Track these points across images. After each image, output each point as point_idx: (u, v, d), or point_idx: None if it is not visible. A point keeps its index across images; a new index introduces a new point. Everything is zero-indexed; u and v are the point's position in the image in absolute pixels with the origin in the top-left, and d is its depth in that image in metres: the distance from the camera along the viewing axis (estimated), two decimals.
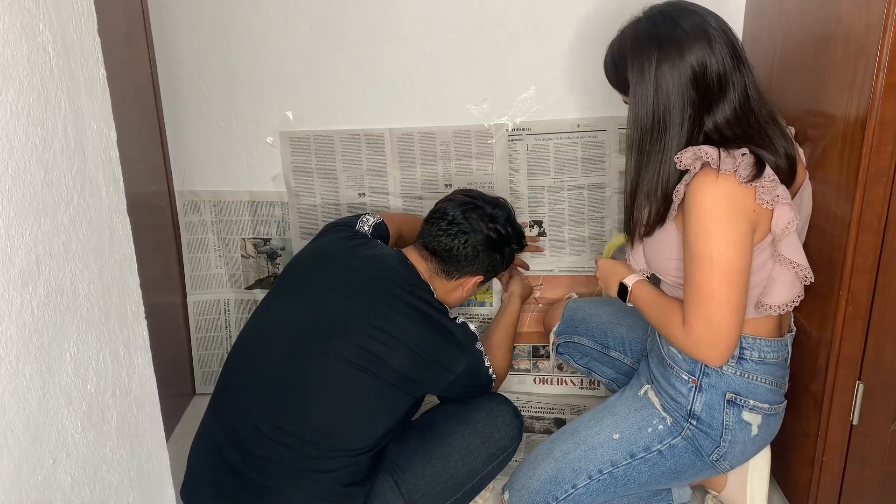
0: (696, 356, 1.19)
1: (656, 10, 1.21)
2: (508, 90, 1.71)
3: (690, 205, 1.13)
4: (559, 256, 1.83)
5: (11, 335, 0.63)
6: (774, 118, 1.19)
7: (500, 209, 1.47)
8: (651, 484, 1.33)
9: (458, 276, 1.44)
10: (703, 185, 1.11)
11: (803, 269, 1.18)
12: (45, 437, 0.69)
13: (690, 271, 1.14)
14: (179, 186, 1.85)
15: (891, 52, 1.05)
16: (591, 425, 1.34)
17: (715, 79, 1.14)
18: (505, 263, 1.51)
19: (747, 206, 1.11)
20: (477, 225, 1.42)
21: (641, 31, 1.19)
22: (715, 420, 1.25)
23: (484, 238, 1.43)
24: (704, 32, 1.15)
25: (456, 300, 1.49)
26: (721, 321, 1.13)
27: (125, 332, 0.82)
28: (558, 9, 1.65)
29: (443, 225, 1.42)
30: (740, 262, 1.12)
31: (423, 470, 1.34)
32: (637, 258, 1.31)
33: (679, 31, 1.15)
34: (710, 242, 1.11)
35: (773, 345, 1.24)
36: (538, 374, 1.94)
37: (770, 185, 1.10)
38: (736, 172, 1.10)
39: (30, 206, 0.65)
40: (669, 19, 1.17)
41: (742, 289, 1.13)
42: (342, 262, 1.38)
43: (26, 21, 0.65)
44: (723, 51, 1.14)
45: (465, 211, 1.43)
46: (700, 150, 1.12)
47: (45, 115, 0.68)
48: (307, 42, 1.71)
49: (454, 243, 1.41)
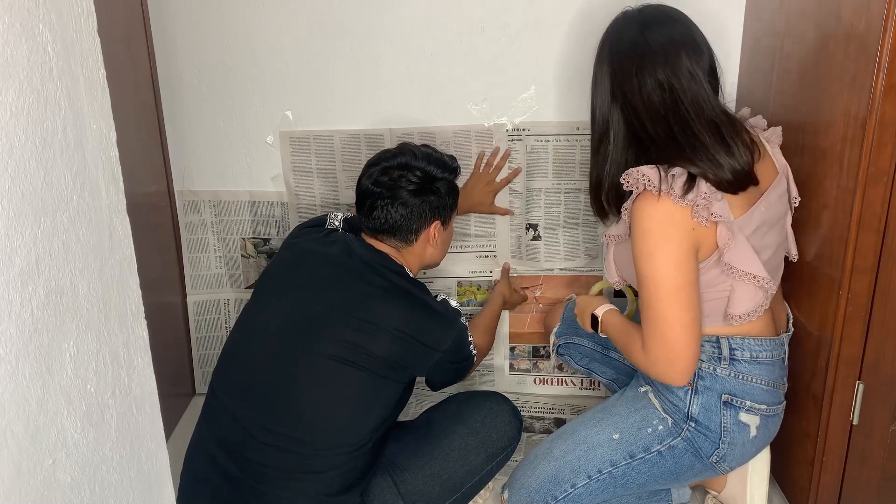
0: (657, 377, 1.22)
1: (630, 17, 1.25)
2: (508, 90, 1.71)
3: (633, 227, 1.17)
4: (554, 261, 1.82)
5: (11, 335, 0.63)
6: (720, 129, 1.17)
7: (403, 155, 1.40)
8: (650, 484, 1.33)
9: (414, 236, 1.41)
10: (642, 207, 1.15)
11: (759, 279, 1.18)
12: (45, 437, 0.69)
13: (640, 292, 1.18)
14: (179, 186, 1.85)
15: (891, 52, 1.05)
16: (591, 425, 1.35)
17: (647, 100, 1.18)
18: (448, 196, 1.44)
19: (685, 224, 1.13)
20: (394, 185, 1.38)
21: (606, 36, 1.27)
22: (713, 422, 1.25)
23: (407, 193, 1.37)
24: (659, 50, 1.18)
25: (433, 255, 1.46)
26: (675, 340, 1.15)
27: (125, 332, 0.82)
28: (558, 9, 1.65)
29: (367, 207, 1.39)
30: (684, 279, 1.14)
31: (422, 470, 1.34)
32: (610, 270, 1.35)
33: (633, 47, 1.20)
34: (652, 263, 1.14)
35: (765, 344, 1.24)
36: (538, 374, 1.94)
37: (704, 202, 1.12)
38: (671, 193, 1.12)
39: (29, 206, 0.65)
40: (638, 30, 1.21)
41: (691, 305, 1.15)
42: (316, 259, 1.38)
43: (26, 21, 0.65)
44: (667, 71, 1.17)
45: (376, 181, 1.39)
46: (640, 174, 1.15)
47: (44, 115, 0.68)
48: (307, 42, 1.71)
49: (387, 214, 1.37)
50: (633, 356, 1.25)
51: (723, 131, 1.18)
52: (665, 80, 1.17)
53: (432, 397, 1.86)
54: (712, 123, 1.18)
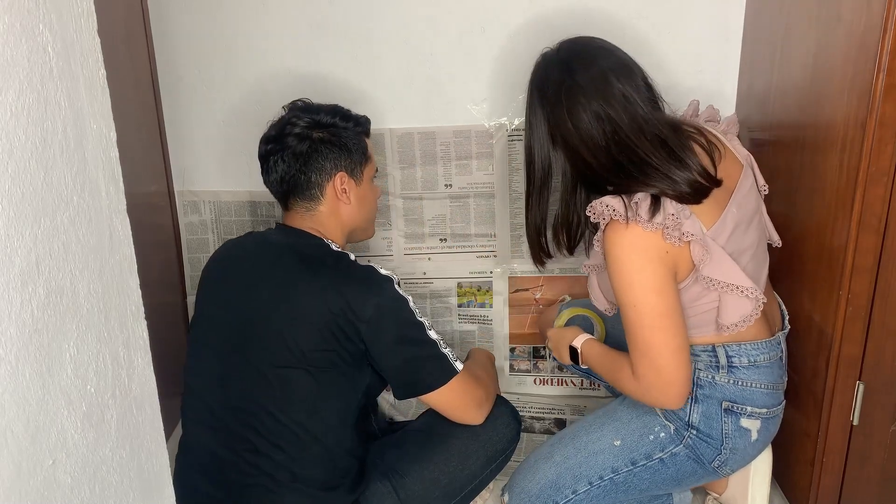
0: (652, 403, 1.22)
1: (550, 58, 1.25)
2: (508, 90, 1.71)
3: (607, 258, 1.17)
4: (555, 259, 1.82)
5: (11, 335, 0.63)
6: (667, 144, 1.16)
7: (287, 113, 1.38)
8: (652, 490, 1.33)
9: (318, 191, 1.33)
10: (612, 238, 1.15)
11: (744, 289, 1.17)
12: (45, 437, 0.69)
13: (624, 321, 1.18)
14: (179, 186, 1.85)
15: (891, 53, 1.05)
16: (593, 431, 1.34)
17: (587, 136, 1.17)
18: (348, 144, 1.35)
19: (659, 249, 1.13)
20: (280, 136, 1.34)
21: (531, 84, 1.27)
22: (714, 430, 1.24)
23: (293, 138, 1.33)
24: (586, 84, 1.17)
25: (351, 214, 1.37)
26: (665, 366, 1.15)
27: (125, 332, 0.82)
28: (558, 9, 1.64)
29: (264, 171, 1.36)
30: (666, 305, 1.14)
31: (421, 475, 1.33)
32: (598, 298, 1.35)
33: (560, 88, 1.19)
34: (631, 293, 1.14)
35: (761, 346, 1.24)
36: (538, 374, 1.94)
37: (673, 222, 1.11)
38: (638, 219, 1.11)
39: (29, 207, 0.65)
40: (561, 70, 1.21)
41: (676, 330, 1.14)
42: (231, 264, 1.36)
43: (26, 21, 0.65)
44: (599, 102, 1.16)
45: (266, 138, 1.37)
46: (604, 205, 1.15)
47: (45, 115, 0.68)
48: (307, 41, 1.71)
49: (279, 168, 1.33)
50: (622, 385, 1.23)
51: (670, 145, 1.16)
52: (600, 110, 1.16)
53: None
54: (657, 140, 1.16)
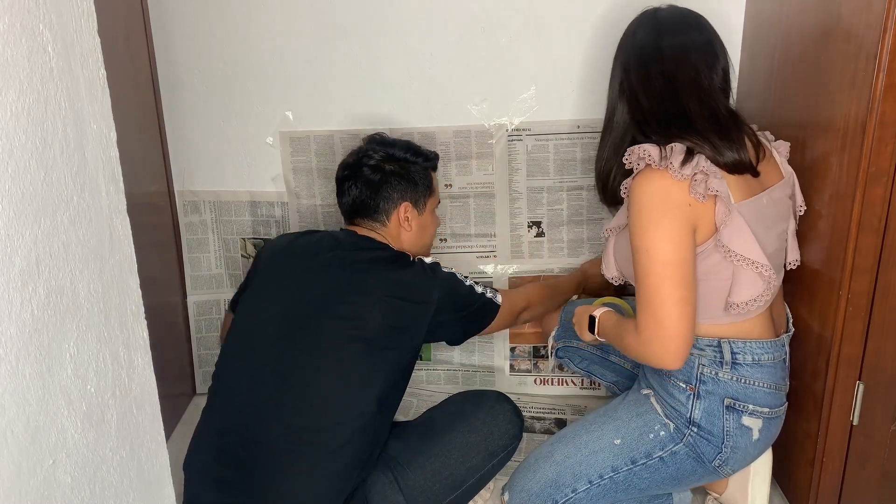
0: (650, 360, 1.19)
1: (648, 17, 1.28)
2: (508, 90, 1.71)
3: (631, 202, 1.18)
4: (558, 258, 1.83)
5: (11, 335, 0.63)
6: (719, 121, 1.19)
7: (369, 143, 1.51)
8: (652, 489, 1.32)
9: (384, 216, 1.47)
10: (641, 182, 1.16)
11: (759, 265, 1.17)
12: (45, 437, 0.69)
13: (635, 268, 1.18)
14: (179, 186, 1.85)
15: (891, 52, 1.05)
16: (593, 429, 1.34)
17: (650, 89, 1.21)
18: (416, 177, 1.49)
19: (682, 200, 1.14)
20: (356, 164, 1.48)
21: (624, 34, 1.30)
22: (715, 427, 1.24)
23: (368, 169, 1.46)
24: (668, 54, 1.22)
25: (411, 240, 1.50)
26: (666, 317, 1.13)
27: (125, 332, 0.82)
28: (558, 9, 1.65)
29: (339, 194, 1.50)
30: (678, 255, 1.13)
31: (423, 467, 1.35)
32: (609, 265, 1.35)
33: (643, 49, 1.24)
34: (646, 236, 1.14)
35: (766, 346, 1.24)
36: (539, 374, 1.94)
37: (702, 176, 1.13)
38: (670, 167, 1.13)
39: (30, 207, 0.65)
40: (652, 32, 1.25)
41: (684, 282, 1.14)
42: (302, 251, 1.43)
43: (26, 21, 0.65)
44: (672, 67, 1.21)
45: (344, 165, 1.51)
46: (643, 151, 1.16)
47: (45, 115, 0.68)
48: (307, 42, 1.71)
49: (351, 193, 1.47)
50: (626, 341, 1.23)
51: (721, 122, 1.19)
52: (669, 72, 1.21)
53: (433, 397, 1.86)
54: (713, 115, 1.19)
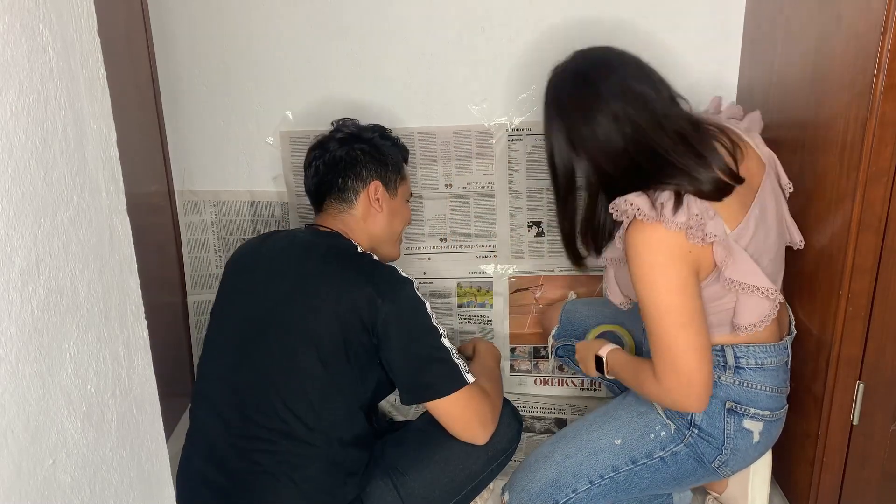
0: (673, 406, 1.21)
1: (566, 70, 1.24)
2: (508, 90, 1.71)
3: (630, 257, 1.15)
4: (558, 257, 1.83)
5: (11, 335, 0.63)
6: (688, 140, 1.15)
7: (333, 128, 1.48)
8: (652, 489, 1.32)
9: (352, 195, 1.41)
10: (636, 236, 1.13)
11: (764, 290, 1.16)
12: (45, 437, 0.69)
13: (646, 322, 1.17)
14: (179, 186, 1.85)
15: (891, 53, 1.05)
16: (593, 429, 1.34)
17: (606, 140, 1.16)
18: (387, 157, 1.44)
19: (682, 249, 1.12)
20: (324, 141, 1.45)
21: (546, 97, 1.27)
22: (716, 429, 1.24)
23: (335, 142, 1.43)
24: (603, 89, 1.17)
25: (381, 224, 1.43)
26: (686, 367, 1.14)
27: (125, 332, 0.82)
28: (558, 9, 1.65)
29: (305, 179, 1.47)
30: (688, 306, 1.13)
31: (422, 473, 1.34)
32: (613, 292, 1.34)
33: (575, 97, 1.20)
34: (654, 293, 1.13)
35: (769, 350, 1.24)
36: (539, 374, 1.94)
37: (697, 223, 1.10)
38: (662, 219, 1.10)
39: (30, 207, 0.65)
40: (576, 80, 1.21)
41: (699, 330, 1.13)
42: (258, 259, 1.39)
43: (26, 21, 0.65)
44: (623, 106, 1.15)
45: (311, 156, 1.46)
46: (628, 203, 1.13)
47: (45, 115, 0.68)
48: (307, 42, 1.71)
49: (318, 170, 1.43)
50: (645, 388, 1.22)
51: (691, 141, 1.15)
52: (618, 111, 1.15)
53: None
54: (678, 136, 1.15)
